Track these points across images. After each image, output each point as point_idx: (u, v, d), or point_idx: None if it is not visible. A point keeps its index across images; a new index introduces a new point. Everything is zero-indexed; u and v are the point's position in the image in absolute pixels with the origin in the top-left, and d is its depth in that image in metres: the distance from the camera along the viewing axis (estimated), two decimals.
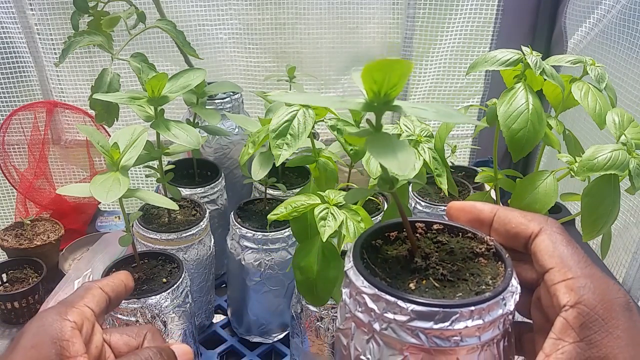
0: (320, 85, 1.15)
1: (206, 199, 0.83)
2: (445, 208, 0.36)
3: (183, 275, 0.64)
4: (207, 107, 0.84)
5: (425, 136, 0.56)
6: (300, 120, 0.52)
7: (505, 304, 0.28)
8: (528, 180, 0.53)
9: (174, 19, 0.85)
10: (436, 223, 0.34)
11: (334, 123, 0.71)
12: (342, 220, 0.48)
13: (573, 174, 0.52)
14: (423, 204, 0.80)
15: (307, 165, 0.62)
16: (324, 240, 0.46)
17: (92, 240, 0.93)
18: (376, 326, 0.28)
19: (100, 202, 1.10)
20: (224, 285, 0.92)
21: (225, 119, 0.89)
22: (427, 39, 1.10)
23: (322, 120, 0.70)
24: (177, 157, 0.85)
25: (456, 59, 1.13)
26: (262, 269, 0.72)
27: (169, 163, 0.79)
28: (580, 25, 0.99)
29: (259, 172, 0.65)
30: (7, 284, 0.86)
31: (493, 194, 0.59)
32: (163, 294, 0.61)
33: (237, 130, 0.91)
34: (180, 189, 0.78)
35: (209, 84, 0.85)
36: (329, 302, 0.53)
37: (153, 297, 0.60)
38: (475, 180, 0.61)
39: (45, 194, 1.08)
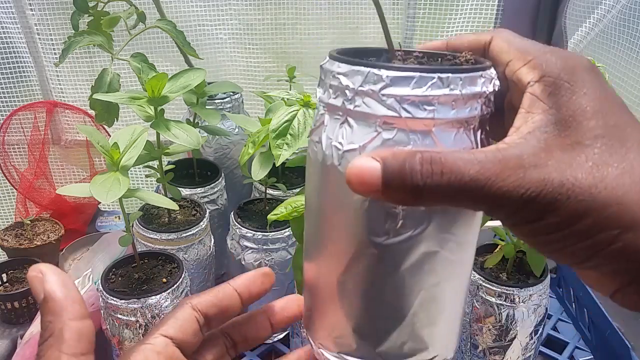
0: None
1: (206, 199, 0.83)
2: None
3: (183, 275, 0.64)
4: (207, 107, 0.84)
5: None
6: (300, 120, 0.52)
7: (483, 83, 0.27)
8: None
9: (174, 19, 0.85)
10: (416, 51, 0.33)
11: None
12: None
13: None
14: None
15: None
16: None
17: (92, 240, 0.93)
18: (350, 106, 0.26)
19: (100, 202, 1.10)
20: None
21: (225, 119, 0.89)
22: (427, 39, 1.10)
23: None
24: (177, 157, 0.85)
25: None
26: None
27: (169, 163, 0.79)
28: (580, 25, 0.99)
29: (259, 172, 0.65)
30: (7, 284, 0.86)
31: None
32: (163, 294, 0.61)
33: (237, 130, 0.91)
34: (180, 189, 0.78)
35: (209, 84, 0.85)
36: None
37: (153, 297, 0.60)
38: None
39: (45, 194, 1.08)
